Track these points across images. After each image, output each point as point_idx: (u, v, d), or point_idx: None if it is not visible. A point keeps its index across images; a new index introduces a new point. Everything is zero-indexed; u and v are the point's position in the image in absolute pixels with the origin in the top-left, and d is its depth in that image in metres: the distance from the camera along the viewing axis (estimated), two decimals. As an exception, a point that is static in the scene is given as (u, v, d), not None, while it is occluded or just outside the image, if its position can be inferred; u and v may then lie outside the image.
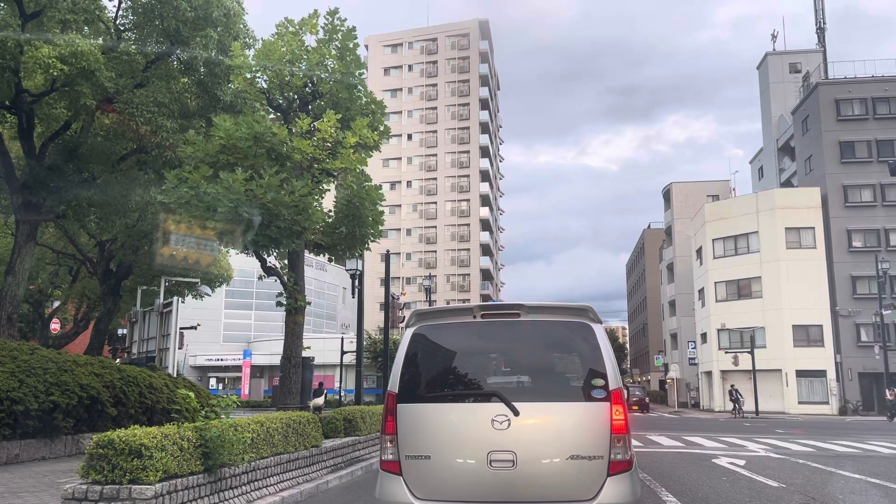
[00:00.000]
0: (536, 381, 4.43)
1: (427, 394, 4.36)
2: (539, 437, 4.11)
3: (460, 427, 4.16)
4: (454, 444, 4.12)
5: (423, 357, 4.47)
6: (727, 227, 46.20)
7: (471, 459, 4.05)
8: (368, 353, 45.80)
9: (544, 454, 4.08)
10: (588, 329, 4.44)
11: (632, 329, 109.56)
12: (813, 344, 42.32)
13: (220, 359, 49.82)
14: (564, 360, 4.58)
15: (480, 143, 79.64)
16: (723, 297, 46.24)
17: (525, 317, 4.48)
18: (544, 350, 4.52)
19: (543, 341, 4.51)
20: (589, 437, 4.11)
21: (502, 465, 4.02)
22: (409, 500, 4.08)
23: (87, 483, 5.82)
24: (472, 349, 4.56)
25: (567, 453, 4.07)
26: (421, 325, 4.58)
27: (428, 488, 4.09)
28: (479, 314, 4.53)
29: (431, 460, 4.12)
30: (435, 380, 4.48)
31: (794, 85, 53.52)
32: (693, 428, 24.83)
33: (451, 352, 4.54)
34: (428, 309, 4.74)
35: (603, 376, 4.30)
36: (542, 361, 4.52)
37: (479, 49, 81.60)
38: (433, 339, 4.52)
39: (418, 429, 4.20)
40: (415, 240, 78.78)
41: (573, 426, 4.15)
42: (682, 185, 64.40)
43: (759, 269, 44.04)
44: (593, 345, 4.38)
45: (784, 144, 53.26)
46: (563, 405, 4.25)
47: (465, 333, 4.54)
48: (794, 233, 43.36)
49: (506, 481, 4.00)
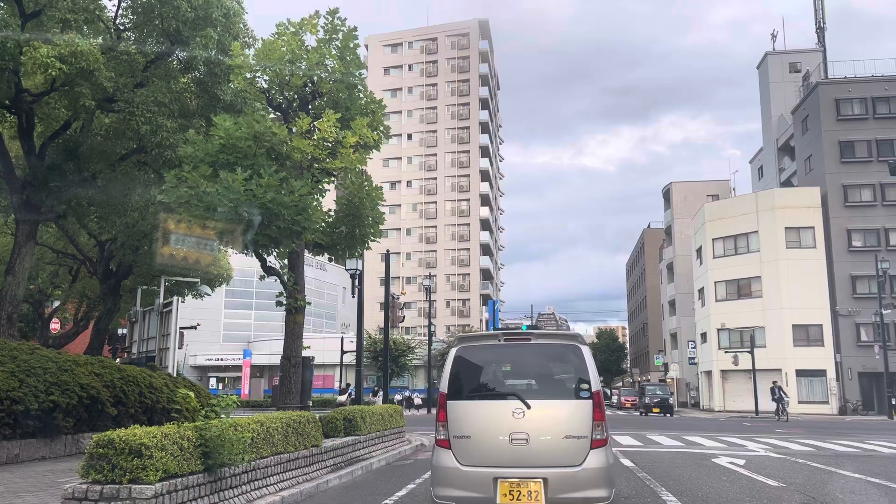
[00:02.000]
0: (541, 385, 6.14)
1: (467, 394, 6.06)
2: (544, 423, 5.79)
3: (490, 416, 5.87)
4: (486, 428, 5.84)
5: (463, 368, 6.16)
6: (727, 227, 46.20)
7: (498, 437, 5.75)
8: (368, 353, 45.86)
9: (548, 434, 5.78)
10: (577, 349, 6.12)
11: (632, 328, 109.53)
12: (813, 343, 42.32)
13: (220, 358, 49.83)
14: (560, 371, 6.20)
15: (480, 142, 79.62)
16: (723, 297, 46.25)
17: (534, 340, 6.30)
18: (546, 363, 6.22)
19: (546, 357, 6.24)
20: (578, 424, 5.80)
21: (519, 442, 5.72)
22: (456, 466, 5.82)
23: (87, 483, 5.82)
24: (497, 362, 6.28)
25: (563, 434, 5.78)
26: (461, 346, 6.32)
27: (469, 458, 5.82)
28: (503, 339, 6.33)
29: (471, 439, 5.85)
30: (472, 384, 6.17)
31: (794, 84, 53.51)
32: (693, 427, 24.84)
33: (483, 365, 6.25)
34: (467, 334, 6.79)
35: (587, 382, 5.94)
36: (545, 371, 6.20)
37: (478, 49, 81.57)
38: (470, 356, 6.25)
39: (461, 417, 5.93)
40: (415, 239, 78.77)
41: (567, 416, 5.85)
42: (681, 185, 64.41)
43: (759, 268, 44.04)
44: (581, 360, 6.06)
45: (784, 144, 53.26)
46: (560, 402, 5.95)
47: (492, 352, 6.31)
48: (794, 232, 43.36)
49: (522, 452, 5.71)
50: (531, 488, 5.61)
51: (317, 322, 59.01)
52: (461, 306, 76.35)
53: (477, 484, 5.71)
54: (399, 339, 46.60)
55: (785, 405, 32.03)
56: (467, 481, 5.75)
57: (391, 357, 45.04)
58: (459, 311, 75.72)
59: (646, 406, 40.70)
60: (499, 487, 5.64)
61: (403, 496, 8.57)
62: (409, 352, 46.14)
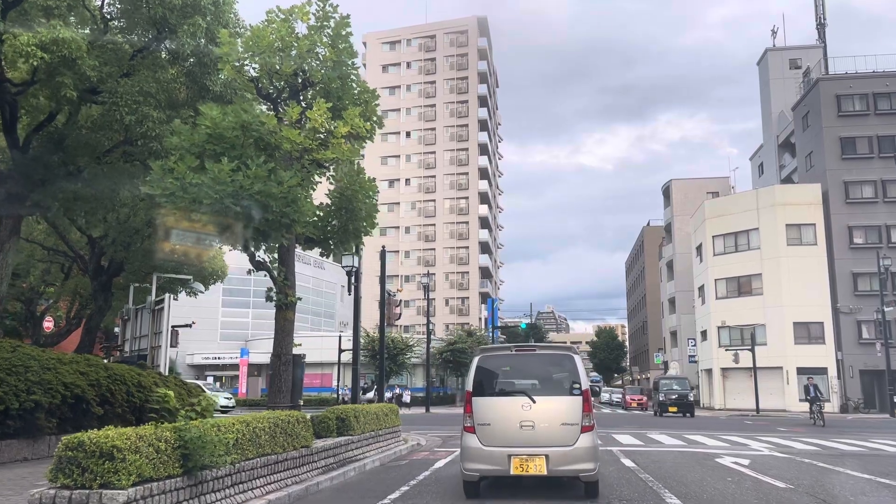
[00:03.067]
0: (543, 384, 7.86)
1: (487, 392, 7.84)
2: (546, 413, 7.52)
3: (505, 409, 7.63)
4: (502, 417, 7.58)
5: (484, 372, 7.92)
6: (727, 224, 45.86)
7: (511, 425, 7.50)
8: (367, 352, 45.47)
9: (549, 422, 7.50)
10: (571, 357, 7.99)
11: (631, 326, 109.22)
12: (814, 341, 41.99)
13: (218, 357, 49.41)
14: (557, 374, 7.90)
15: (479, 140, 79.24)
16: (723, 295, 45.91)
17: (538, 351, 8.35)
18: (547, 368, 7.98)
19: (547, 364, 8.04)
20: (571, 414, 7.53)
21: (527, 427, 7.45)
22: (479, 446, 7.55)
23: (55, 488, 5.46)
24: (509, 368, 8.07)
25: (560, 421, 7.52)
26: (482, 356, 8.15)
27: (489, 440, 7.55)
28: (514, 350, 8.34)
29: (490, 426, 7.57)
30: (491, 384, 7.93)
31: (795, 81, 53.16)
32: (694, 426, 24.51)
33: (499, 370, 8.05)
34: (487, 346, 8.77)
35: (578, 383, 7.76)
36: (546, 374, 7.93)
37: (477, 46, 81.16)
38: (489, 363, 8.05)
39: (483, 409, 7.68)
40: (413, 237, 78.40)
41: (563, 408, 7.59)
42: (681, 182, 64.05)
43: (759, 265, 43.69)
44: (573, 366, 7.87)
45: (784, 141, 52.90)
46: (558, 397, 7.72)
47: (506, 360, 8.20)
48: (795, 229, 43.01)
49: (529, 435, 7.45)
50: (536, 462, 7.41)
51: (315, 320, 58.64)
52: (460, 304, 76.02)
53: (495, 459, 7.52)
54: (398, 338, 46.24)
55: (821, 406, 25.95)
56: (489, 457, 7.55)
57: (390, 355, 44.68)
58: (458, 310, 75.38)
59: (661, 405, 34.86)
60: (512, 462, 7.46)
61: (396, 499, 8.22)
62: (408, 350, 45.78)
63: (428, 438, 17.47)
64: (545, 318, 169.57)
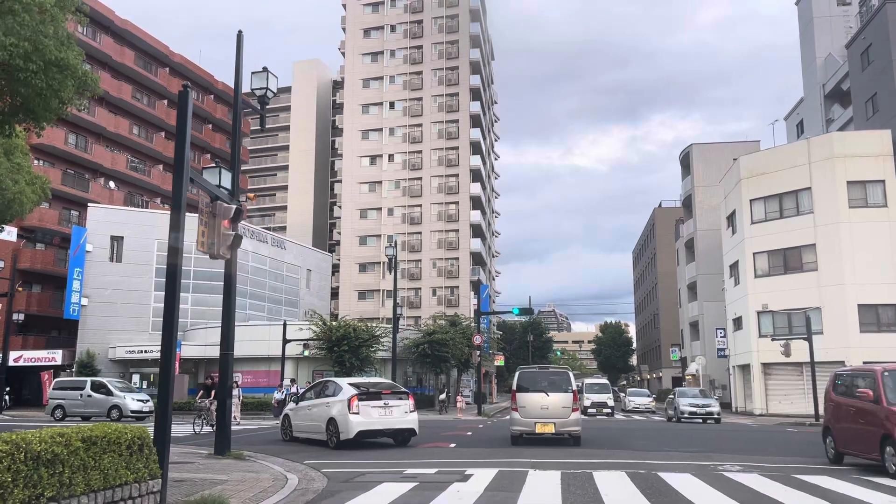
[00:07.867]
0: (552, 386, 16.51)
1: (523, 389, 16.60)
2: (554, 401, 16.22)
3: (533, 398, 16.36)
4: (531, 403, 16.33)
5: (522, 379, 16.84)
6: (770, 184, 37.08)
7: (536, 407, 16.28)
8: (322, 343, 36.66)
9: (557, 406, 16.20)
10: (567, 373, 17.07)
11: (639, 322, 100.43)
12: (885, 329, 33.25)
13: (146, 351, 40.45)
14: (560, 381, 16.61)
15: (471, 110, 70.48)
16: (764, 272, 37.12)
17: (550, 369, 17.83)
18: (554, 378, 16.77)
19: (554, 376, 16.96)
20: (567, 402, 16.26)
21: (544, 409, 16.20)
22: (520, 418, 16.31)
23: None
24: (536, 376, 16.94)
25: (561, 406, 16.19)
26: (521, 371, 17.20)
27: (525, 414, 16.32)
28: (538, 368, 17.71)
29: (525, 407, 16.33)
30: (525, 385, 16.68)
31: (843, 20, 44.33)
32: (729, 446, 15.81)
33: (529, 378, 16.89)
34: (525, 365, 18.40)
35: (570, 386, 16.50)
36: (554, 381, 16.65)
37: (469, 6, 72.43)
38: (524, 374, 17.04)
39: (522, 399, 16.44)
40: (397, 220, 69.70)
41: (563, 399, 16.26)
42: (703, 147, 55.23)
43: (812, 234, 34.93)
44: (567, 377, 16.75)
45: (834, 89, 44.00)
46: (560, 393, 16.33)
47: (533, 373, 17.22)
48: (859, 188, 34.17)
49: (546, 412, 16.18)
50: (549, 427, 15.85)
51: (274, 309, 49.80)
52: (449, 294, 67.22)
53: (528, 424, 16.01)
54: (361, 327, 37.44)
55: None
56: (525, 423, 16.07)
57: (351, 347, 35.90)
58: (447, 300, 66.52)
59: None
60: (536, 426, 15.90)
61: None
62: (374, 341, 36.95)
63: (319, 473, 8.56)
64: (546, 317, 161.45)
